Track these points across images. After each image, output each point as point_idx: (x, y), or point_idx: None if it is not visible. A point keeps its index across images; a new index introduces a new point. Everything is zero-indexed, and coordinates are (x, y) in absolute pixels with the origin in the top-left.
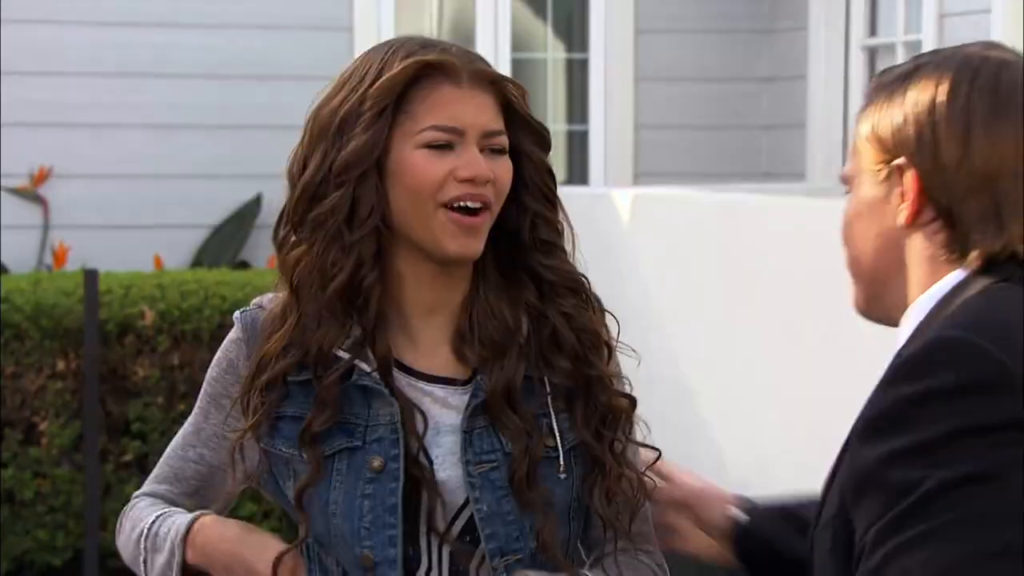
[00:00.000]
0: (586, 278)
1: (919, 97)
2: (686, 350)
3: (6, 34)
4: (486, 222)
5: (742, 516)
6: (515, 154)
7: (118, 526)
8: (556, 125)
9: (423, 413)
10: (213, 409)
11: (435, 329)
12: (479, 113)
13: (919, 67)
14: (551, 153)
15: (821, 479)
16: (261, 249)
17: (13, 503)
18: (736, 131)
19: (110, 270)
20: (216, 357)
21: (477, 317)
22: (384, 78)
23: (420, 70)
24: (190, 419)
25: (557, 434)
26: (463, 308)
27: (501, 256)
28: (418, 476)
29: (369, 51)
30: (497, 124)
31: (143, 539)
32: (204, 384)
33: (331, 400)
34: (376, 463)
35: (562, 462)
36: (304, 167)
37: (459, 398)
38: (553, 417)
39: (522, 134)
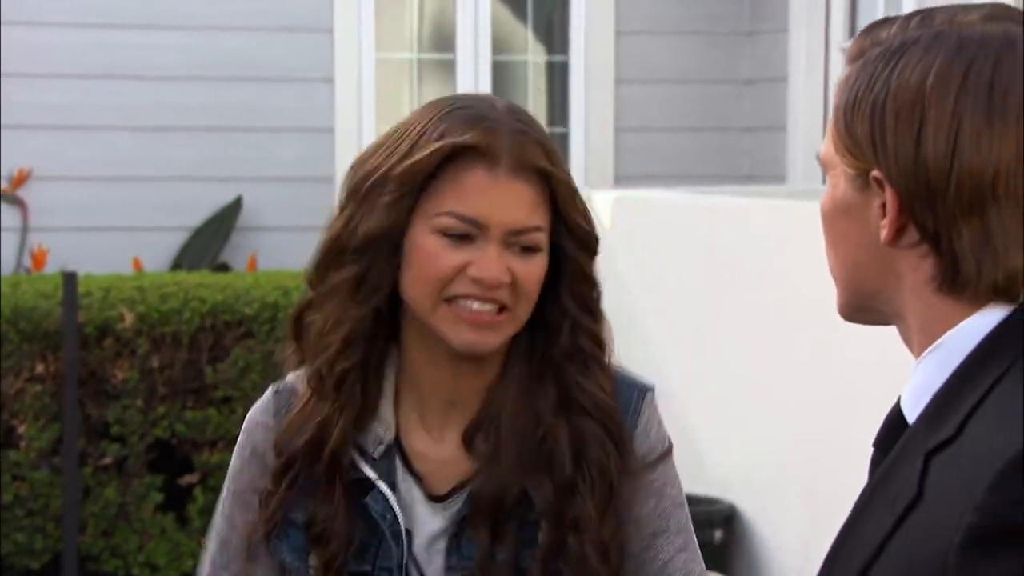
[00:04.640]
0: (615, 407)
1: (900, 94)
2: (667, 352)
3: None
4: (504, 322)
5: None
6: (558, 250)
7: None
8: None
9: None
10: (238, 511)
11: (452, 420)
12: (510, 207)
13: (905, 45)
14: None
15: (801, 481)
16: (241, 252)
17: None
18: (717, 133)
19: (89, 272)
20: (238, 443)
21: (496, 408)
22: (411, 161)
23: (452, 152)
24: (213, 532)
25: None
26: (484, 397)
27: (534, 349)
28: None
29: (423, 108)
30: (532, 219)
31: None
32: (226, 481)
33: (340, 512)
34: None
35: None
36: (339, 219)
37: (451, 507)
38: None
39: (565, 232)
